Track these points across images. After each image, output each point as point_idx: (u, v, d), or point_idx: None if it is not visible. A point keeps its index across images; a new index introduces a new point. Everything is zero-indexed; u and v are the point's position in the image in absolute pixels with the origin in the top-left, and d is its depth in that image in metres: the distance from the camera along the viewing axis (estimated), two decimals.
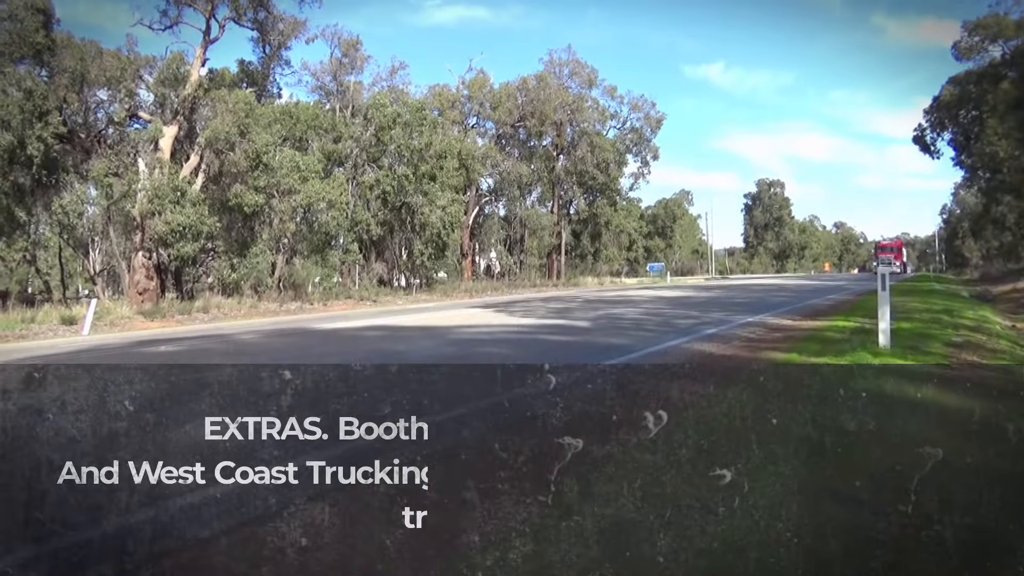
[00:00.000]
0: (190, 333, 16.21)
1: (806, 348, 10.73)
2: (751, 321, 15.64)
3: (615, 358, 10.09)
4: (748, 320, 15.89)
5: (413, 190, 32.55)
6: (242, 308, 23.64)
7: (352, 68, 36.76)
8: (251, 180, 26.33)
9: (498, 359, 10.38)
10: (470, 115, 45.65)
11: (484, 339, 13.26)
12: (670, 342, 11.97)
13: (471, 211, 44.38)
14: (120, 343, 14.35)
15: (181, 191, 24.61)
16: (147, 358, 11.63)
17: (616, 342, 12.22)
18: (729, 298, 25.01)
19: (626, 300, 24.91)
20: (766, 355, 10.20)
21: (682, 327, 14.55)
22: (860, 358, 9.20)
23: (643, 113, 51.56)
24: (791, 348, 10.82)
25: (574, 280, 47.16)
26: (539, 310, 20.56)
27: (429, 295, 32.50)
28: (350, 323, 17.53)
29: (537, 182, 49.08)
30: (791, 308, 19.65)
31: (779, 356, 9.98)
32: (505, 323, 16.40)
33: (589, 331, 14.30)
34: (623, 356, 10.35)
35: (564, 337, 13.25)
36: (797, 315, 17.26)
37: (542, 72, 47.14)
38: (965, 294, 29.73)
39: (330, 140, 32.09)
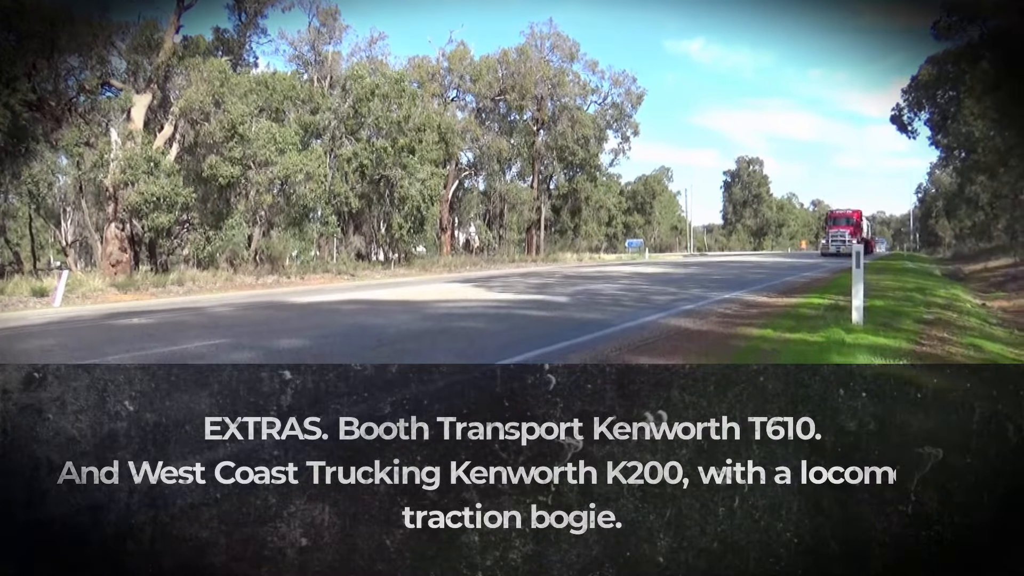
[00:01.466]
0: (164, 306, 16.03)
1: (780, 324, 10.86)
2: (728, 298, 15.78)
3: (592, 333, 10.14)
4: (725, 296, 16.03)
5: (392, 163, 32.26)
6: (218, 281, 23.40)
7: (330, 38, 36.19)
8: (227, 151, 25.92)
9: (475, 333, 10.39)
10: (450, 88, 45.25)
11: (461, 313, 13.26)
12: (647, 317, 12.04)
13: (450, 185, 44.10)
14: (92, 315, 14.16)
15: (155, 161, 24.18)
16: (119, 331, 11.49)
17: (593, 317, 12.27)
18: (706, 275, 25.18)
19: (604, 276, 24.98)
20: (742, 331, 10.32)
21: (659, 303, 14.64)
22: (834, 334, 9.35)
23: (624, 88, 51.41)
24: (766, 324, 10.95)
25: (553, 256, 47.18)
26: (517, 285, 20.57)
27: (408, 269, 32.38)
28: (327, 296, 17.44)
29: (517, 157, 48.87)
30: (767, 285, 19.84)
31: (754, 332, 10.10)
32: (483, 298, 16.39)
33: (566, 306, 14.33)
34: (600, 330, 10.40)
35: (541, 312, 13.28)
36: (773, 292, 17.44)
37: (523, 45, 46.76)
38: (938, 273, 30.20)
39: (308, 111, 31.65)
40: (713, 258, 50.91)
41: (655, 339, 9.58)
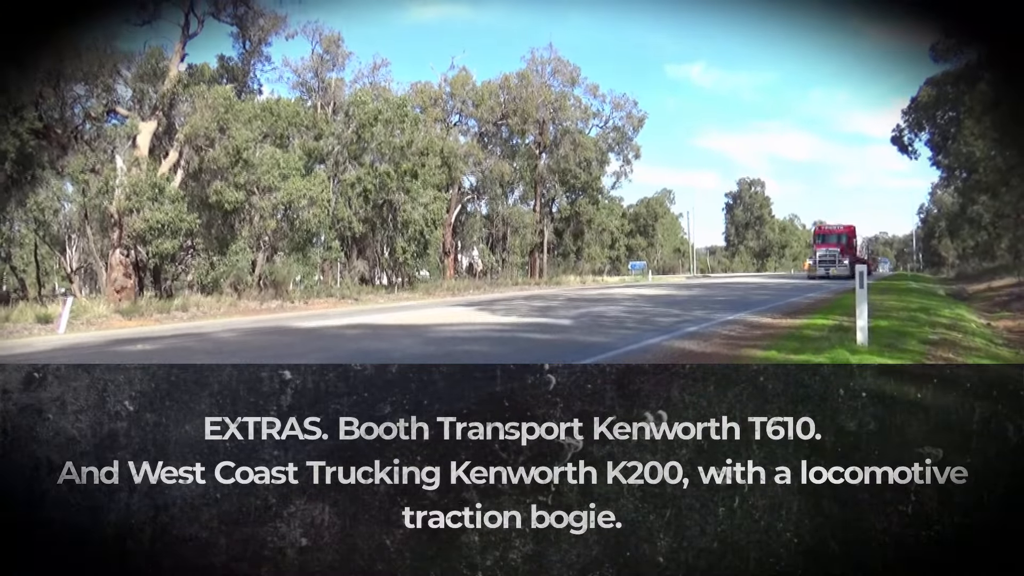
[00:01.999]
0: (168, 332, 16.06)
1: (785, 346, 10.84)
2: (731, 319, 15.74)
3: (595, 356, 10.13)
4: (728, 318, 15.98)
5: (395, 187, 32.43)
6: (222, 306, 23.44)
7: (334, 65, 36.54)
8: (231, 177, 26.09)
9: (478, 356, 10.39)
10: (452, 113, 45.55)
11: (465, 337, 13.27)
12: (650, 339, 12.02)
13: (453, 209, 44.28)
14: (96, 342, 14.18)
15: (159, 188, 24.35)
16: (123, 357, 11.50)
17: (597, 339, 12.26)
18: (710, 296, 25.16)
19: (608, 298, 24.97)
20: (746, 352, 10.30)
21: (663, 325, 14.62)
22: (838, 355, 9.33)
23: (625, 112, 51.70)
24: (770, 346, 10.92)
25: (556, 279, 47.19)
26: (521, 308, 20.57)
27: (411, 293, 32.40)
28: (331, 321, 17.45)
29: (519, 180, 49.07)
30: (771, 306, 19.80)
31: (758, 353, 10.08)
32: (486, 321, 16.40)
33: (570, 329, 14.32)
34: (603, 353, 10.38)
35: (545, 335, 13.28)
36: (777, 313, 17.39)
37: (524, 70, 47.11)
38: (941, 292, 30.14)
39: (311, 137, 31.89)
40: (716, 280, 50.87)
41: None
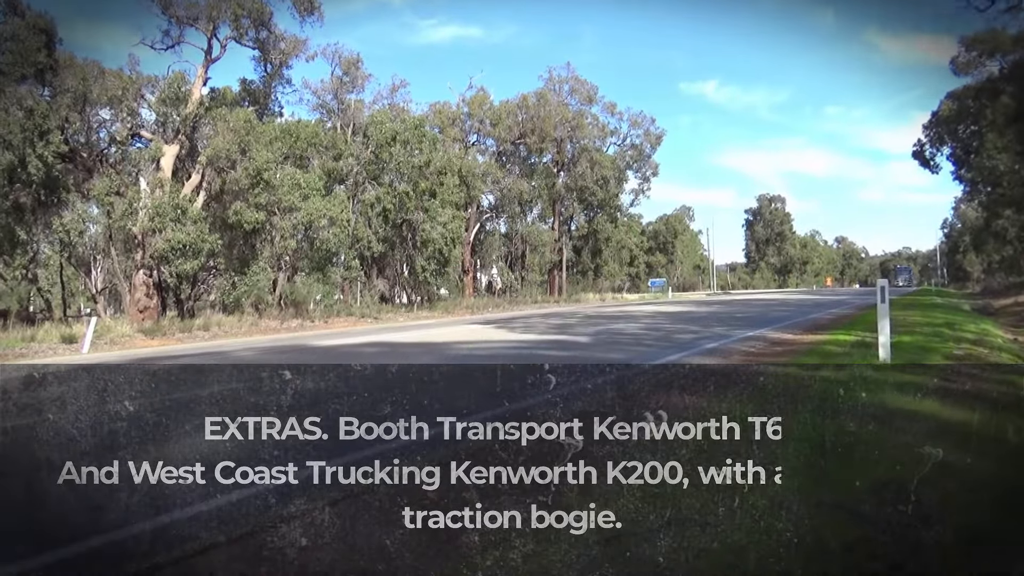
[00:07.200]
0: (189, 351, 16.22)
1: (805, 362, 10.72)
2: (751, 335, 15.62)
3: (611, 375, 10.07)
4: (748, 334, 15.87)
5: (414, 207, 32.65)
6: (243, 326, 23.62)
7: (353, 86, 36.93)
8: (252, 198, 26.40)
9: None
10: (470, 132, 45.84)
11: (482, 355, 13.28)
12: (669, 356, 11.95)
13: (472, 228, 44.44)
14: (118, 361, 14.34)
15: (182, 209, 24.67)
16: None
17: (614, 357, 12.21)
18: (730, 313, 25.00)
19: (626, 315, 24.90)
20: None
21: (682, 342, 14.54)
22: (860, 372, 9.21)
23: (643, 129, 51.84)
24: (790, 363, 10.81)
25: (575, 296, 47.15)
26: (539, 326, 20.56)
27: (430, 312, 32.49)
28: (350, 340, 17.54)
29: (538, 199, 49.18)
30: (792, 322, 19.63)
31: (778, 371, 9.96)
32: (504, 339, 16.40)
33: (587, 346, 14.29)
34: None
35: (562, 352, 13.26)
36: (798, 329, 17.24)
37: (542, 89, 47.38)
38: (967, 307, 29.71)
39: (331, 158, 32.20)
40: (737, 296, 50.56)
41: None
